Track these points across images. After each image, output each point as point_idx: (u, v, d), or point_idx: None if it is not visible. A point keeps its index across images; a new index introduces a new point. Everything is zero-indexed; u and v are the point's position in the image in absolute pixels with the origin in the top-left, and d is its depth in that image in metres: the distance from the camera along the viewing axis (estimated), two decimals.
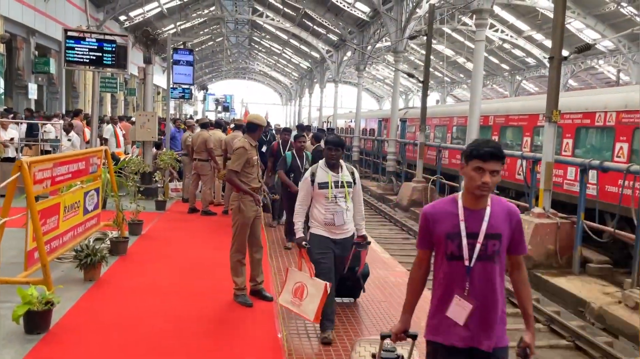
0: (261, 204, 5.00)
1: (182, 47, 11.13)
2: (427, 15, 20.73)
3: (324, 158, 4.36)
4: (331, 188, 4.18)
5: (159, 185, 10.43)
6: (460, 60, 35.87)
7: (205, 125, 9.61)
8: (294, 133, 8.94)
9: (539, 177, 10.78)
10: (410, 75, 18.49)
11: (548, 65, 29.73)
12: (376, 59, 35.83)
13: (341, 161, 4.35)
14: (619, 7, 21.46)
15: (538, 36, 27.82)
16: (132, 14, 28.25)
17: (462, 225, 2.29)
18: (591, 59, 28.00)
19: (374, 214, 15.87)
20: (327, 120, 35.77)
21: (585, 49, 9.72)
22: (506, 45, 30.78)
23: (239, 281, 4.98)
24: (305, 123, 24.04)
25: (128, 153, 13.24)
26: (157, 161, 9.68)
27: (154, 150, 11.13)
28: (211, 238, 7.66)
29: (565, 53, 10.02)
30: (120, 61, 9.23)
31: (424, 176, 16.03)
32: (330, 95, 36.89)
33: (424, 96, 16.13)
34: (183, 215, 9.31)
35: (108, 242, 6.30)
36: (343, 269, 4.47)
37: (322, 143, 9.01)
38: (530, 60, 31.55)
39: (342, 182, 4.24)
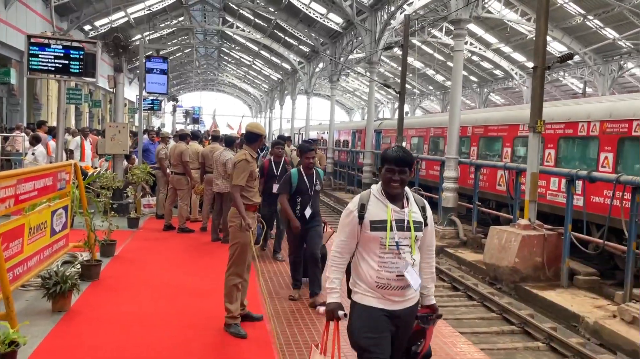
0: (252, 230, 4.51)
1: (155, 54, 10.56)
2: (400, 26, 20.80)
3: (379, 183, 2.84)
4: (391, 230, 2.73)
5: (130, 201, 9.82)
6: (430, 72, 36.21)
7: (183, 136, 9.10)
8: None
9: (522, 188, 10.68)
10: (387, 86, 18.35)
11: (515, 77, 30.05)
12: (349, 70, 35.86)
13: (407, 189, 2.85)
14: (585, 20, 21.98)
15: (506, 49, 28.31)
16: (97, 23, 27.41)
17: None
18: (557, 72, 28.63)
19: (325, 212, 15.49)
20: (298, 132, 35.44)
21: (568, 58, 9.70)
22: (475, 58, 31.22)
23: (233, 309, 4.50)
24: (276, 136, 23.63)
25: (96, 167, 12.54)
26: (129, 175, 9.09)
27: (125, 163, 10.51)
28: (191, 260, 7.16)
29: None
30: (89, 69, 8.66)
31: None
32: (301, 107, 36.63)
33: (401, 106, 15.98)
34: (158, 233, 8.74)
35: (78, 266, 5.72)
36: (400, 356, 2.93)
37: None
38: (498, 72, 32.08)
39: (408, 222, 2.76)
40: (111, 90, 9.93)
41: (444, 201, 13.09)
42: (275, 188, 6.81)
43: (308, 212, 5.65)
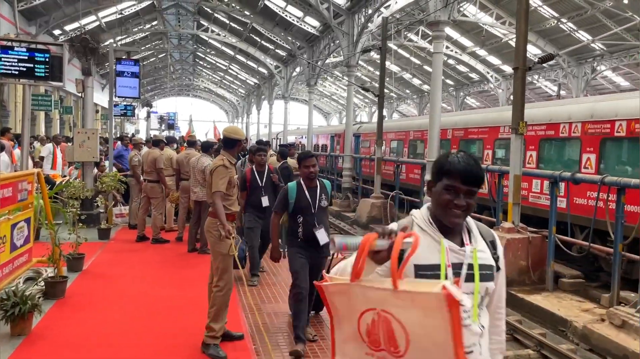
0: (232, 237, 4.20)
1: (126, 57, 10.12)
2: (378, 29, 20.70)
3: (425, 207, 1.90)
4: (446, 277, 1.71)
5: (101, 211, 9.35)
6: (407, 76, 36.31)
7: (156, 142, 8.69)
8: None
9: (505, 191, 10.56)
10: (365, 89, 18.19)
11: (491, 80, 30.25)
12: (327, 73, 35.70)
13: (470, 219, 1.87)
14: (559, 23, 22.24)
15: (482, 52, 28.53)
16: (67, 27, 26.62)
17: None
18: (531, 75, 28.95)
19: (332, 232, 15.25)
20: (276, 137, 35.10)
21: (548, 59, 9.61)
22: (451, 61, 31.40)
23: (217, 328, 4.16)
24: (254, 141, 23.27)
25: (65, 176, 12.01)
26: (99, 184, 8.65)
27: (95, 171, 10.04)
28: (166, 272, 6.76)
29: (509, 70, 9.87)
30: (55, 73, 8.20)
31: (382, 191, 15.64)
32: (278, 112, 36.30)
33: (380, 109, 15.81)
34: (131, 244, 8.31)
35: (42, 283, 5.29)
36: None
37: (289, 161, 8.33)
38: (474, 75, 32.31)
39: (472, 267, 1.77)
40: (79, 94, 9.47)
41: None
42: (264, 200, 6.38)
43: (322, 235, 4.45)
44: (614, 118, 8.75)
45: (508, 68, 29.55)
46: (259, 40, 30.42)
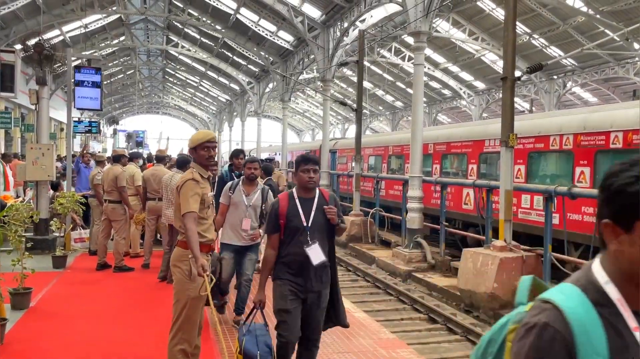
0: (207, 274, 3.32)
1: (86, 65, 9.27)
2: (352, 46, 20.34)
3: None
4: None
5: (57, 235, 8.40)
6: (379, 92, 36.18)
7: (117, 158, 7.82)
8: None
9: (494, 207, 10.07)
10: (343, 104, 17.68)
11: (464, 96, 30.30)
12: (300, 90, 35.24)
13: None
14: (530, 38, 22.33)
15: (454, 68, 28.56)
16: (30, 42, 25.40)
17: None
18: (499, 91, 29.08)
19: None
20: (249, 154, 34.28)
21: (538, 68, 9.23)
22: (424, 78, 31.35)
23: None
24: (226, 158, 22.45)
25: (19, 197, 10.98)
26: (55, 205, 7.73)
27: (51, 192, 9.10)
28: (130, 308, 5.87)
29: (481, 86, 9.47)
30: (6, 83, 7.36)
31: (361, 209, 15.04)
32: (250, 129, 35.55)
33: (359, 123, 15.28)
34: (90, 274, 7.38)
35: None
36: None
37: (274, 177, 7.68)
38: (446, 91, 32.34)
39: None
40: (32, 106, 8.58)
41: (409, 223, 12.32)
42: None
43: (317, 257, 3.43)
44: (609, 129, 8.36)
45: (480, 84, 29.66)
46: (231, 56, 29.77)
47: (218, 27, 24.56)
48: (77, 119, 25.18)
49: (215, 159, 3.64)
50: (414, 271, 11.37)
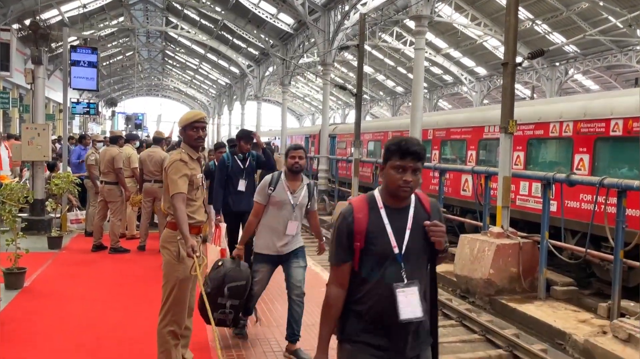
0: (197, 255, 3.27)
1: (83, 44, 9.14)
2: (352, 30, 20.12)
3: None
4: None
5: (54, 216, 8.38)
6: (380, 77, 35.92)
7: (114, 139, 7.77)
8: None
9: (492, 194, 10.04)
10: (343, 88, 17.56)
11: (465, 82, 30.07)
12: (300, 75, 34.99)
13: None
14: (533, 24, 22.11)
15: (456, 53, 28.31)
16: (27, 22, 25.14)
17: None
18: (500, 79, 28.87)
19: (309, 237, 14.52)
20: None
21: (539, 54, 9.11)
22: (425, 63, 31.10)
23: None
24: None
25: (16, 177, 10.94)
26: (50, 185, 7.69)
27: (47, 172, 9.05)
28: (125, 289, 5.85)
29: (483, 72, 9.37)
30: (2, 61, 7.26)
31: (359, 194, 15.02)
32: (250, 113, 35.40)
33: (358, 108, 15.18)
34: (85, 255, 7.37)
35: None
36: None
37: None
38: (447, 77, 32.12)
39: None
40: (28, 86, 8.49)
41: None
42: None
43: (411, 310, 3.01)
44: (609, 116, 8.29)
45: (482, 70, 29.43)
46: (231, 38, 29.50)
47: (218, 9, 24.30)
48: (76, 100, 25.04)
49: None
50: None
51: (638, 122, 7.93)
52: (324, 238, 4.67)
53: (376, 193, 2.23)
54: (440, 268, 10.38)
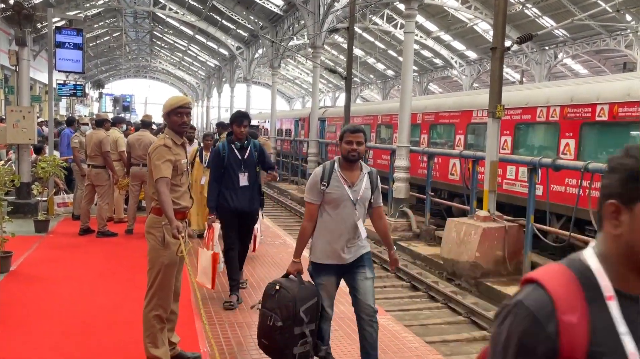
0: (182, 236, 3.29)
1: (67, 25, 8.97)
2: (343, 12, 19.94)
3: None
4: None
5: (40, 199, 8.31)
6: (371, 60, 35.75)
7: (100, 122, 7.69)
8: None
9: (480, 178, 10.12)
10: (333, 71, 17.47)
11: (455, 65, 29.99)
12: (290, 57, 34.73)
13: None
14: (524, 8, 22.06)
15: (446, 37, 28.20)
16: (11, 1, 24.59)
17: None
18: (489, 63, 28.86)
19: (298, 220, 14.59)
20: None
21: (528, 39, 9.13)
22: (415, 46, 30.97)
23: (160, 353, 3.34)
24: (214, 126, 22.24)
25: (1, 160, 10.82)
26: (36, 169, 7.63)
27: (34, 155, 8.96)
28: (110, 274, 5.84)
29: (473, 55, 9.37)
30: None
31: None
32: (240, 96, 35.14)
33: (348, 91, 15.14)
34: (73, 238, 7.34)
35: None
36: None
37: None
38: (438, 61, 32.04)
39: None
40: (13, 67, 8.35)
41: (395, 192, 12.38)
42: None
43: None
44: (595, 101, 8.36)
45: (472, 54, 29.38)
46: (220, 20, 29.12)
47: None
48: (62, 82, 24.65)
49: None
50: (399, 240, 11.49)
51: (623, 107, 8.02)
52: (394, 247, 3.80)
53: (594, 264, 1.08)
54: (428, 251, 10.51)
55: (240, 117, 4.87)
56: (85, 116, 27.96)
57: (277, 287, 3.26)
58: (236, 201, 4.83)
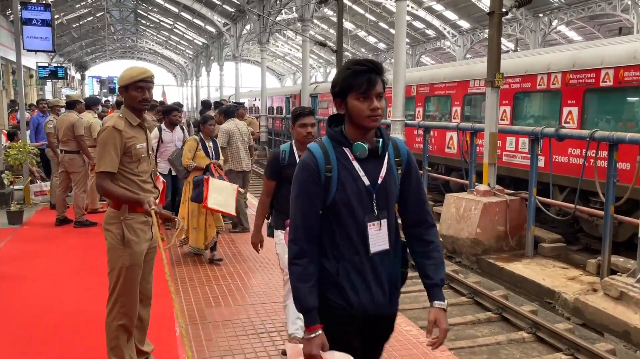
0: (154, 213, 2.80)
1: (34, 1, 8.33)
2: None
3: None
4: None
5: (13, 189, 7.82)
6: (362, 34, 34.95)
7: (71, 104, 7.14)
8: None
9: (478, 150, 9.71)
10: (323, 44, 16.87)
11: (448, 36, 29.36)
12: (280, 32, 33.82)
13: None
14: None
15: (438, 7, 27.46)
16: None
17: None
18: (483, 30, 28.12)
19: None
20: (228, 100, 33.24)
21: (527, 2, 8.60)
22: (407, 17, 30.18)
23: None
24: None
25: None
26: (4, 156, 7.13)
27: (7, 142, 8.44)
28: (90, 267, 5.38)
29: (466, 25, 8.83)
30: None
31: None
32: (229, 74, 34.31)
33: (339, 65, 14.55)
34: (49, 229, 6.89)
35: None
36: None
37: (235, 122, 7.04)
38: (430, 32, 31.31)
39: None
40: None
41: None
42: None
43: None
44: (599, 66, 7.89)
45: (465, 24, 28.65)
46: None
47: None
48: (46, 64, 23.83)
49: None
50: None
51: (630, 71, 7.56)
52: None
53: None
54: None
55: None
56: (59, 99, 27.11)
57: None
58: (363, 292, 2.05)
